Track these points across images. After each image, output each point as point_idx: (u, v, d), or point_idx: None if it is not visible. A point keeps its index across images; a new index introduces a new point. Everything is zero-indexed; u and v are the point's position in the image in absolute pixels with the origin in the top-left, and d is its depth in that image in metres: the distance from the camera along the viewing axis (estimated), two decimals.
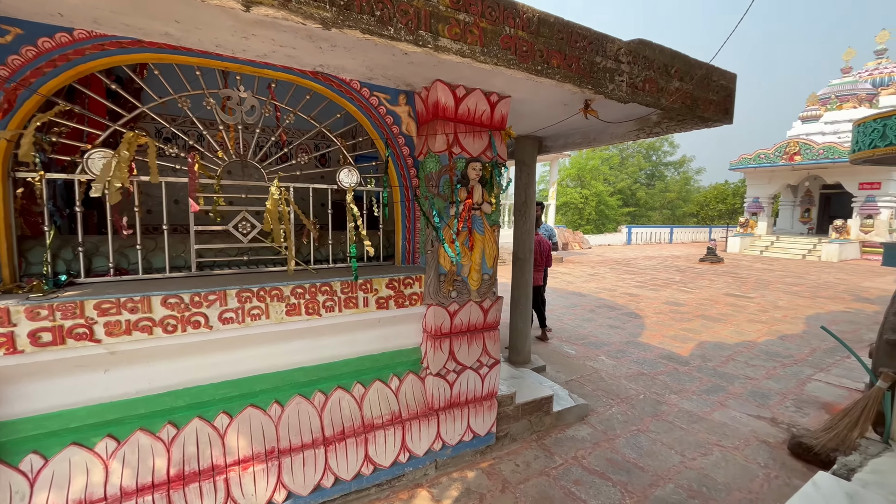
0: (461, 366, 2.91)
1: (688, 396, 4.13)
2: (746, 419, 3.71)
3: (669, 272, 12.33)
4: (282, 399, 2.42)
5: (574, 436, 3.39)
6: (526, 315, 4.47)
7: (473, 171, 2.76)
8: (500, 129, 2.88)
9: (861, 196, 16.60)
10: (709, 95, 2.65)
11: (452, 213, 2.74)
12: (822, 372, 4.81)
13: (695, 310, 7.61)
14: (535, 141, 4.30)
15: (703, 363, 5.02)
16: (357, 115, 2.73)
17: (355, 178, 2.69)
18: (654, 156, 34.72)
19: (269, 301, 2.30)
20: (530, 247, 4.45)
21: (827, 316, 7.35)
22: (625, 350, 5.44)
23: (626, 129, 3.43)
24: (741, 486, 2.82)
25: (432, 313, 2.77)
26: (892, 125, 4.06)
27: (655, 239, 23.54)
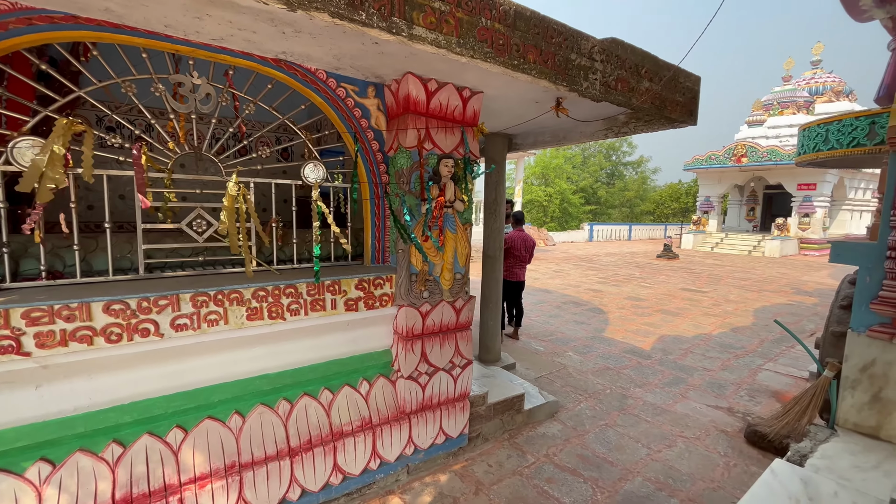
0: (433, 368, 2.84)
1: (651, 390, 4.26)
2: (706, 410, 3.86)
3: (629, 268, 12.79)
4: (243, 409, 2.26)
5: (545, 433, 3.41)
6: (496, 313, 4.46)
7: (446, 167, 2.69)
8: (473, 125, 2.83)
9: (799, 196, 17.89)
10: (676, 97, 2.71)
11: (424, 211, 2.66)
12: (771, 362, 5.10)
13: (654, 304, 7.91)
14: (505, 139, 4.28)
15: (664, 356, 5.21)
16: (323, 107, 2.58)
17: (322, 174, 2.55)
18: (614, 156, 35.95)
19: (228, 305, 2.13)
20: (500, 244, 4.43)
21: (772, 308, 7.84)
22: (591, 345, 5.56)
23: (595, 129, 3.46)
24: (704, 476, 2.92)
25: (404, 314, 2.68)
26: (833, 130, 4.36)
27: (615, 236, 24.39)
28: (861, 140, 4.11)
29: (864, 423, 2.88)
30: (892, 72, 3.72)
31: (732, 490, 2.79)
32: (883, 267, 2.83)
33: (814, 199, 17.61)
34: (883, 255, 2.85)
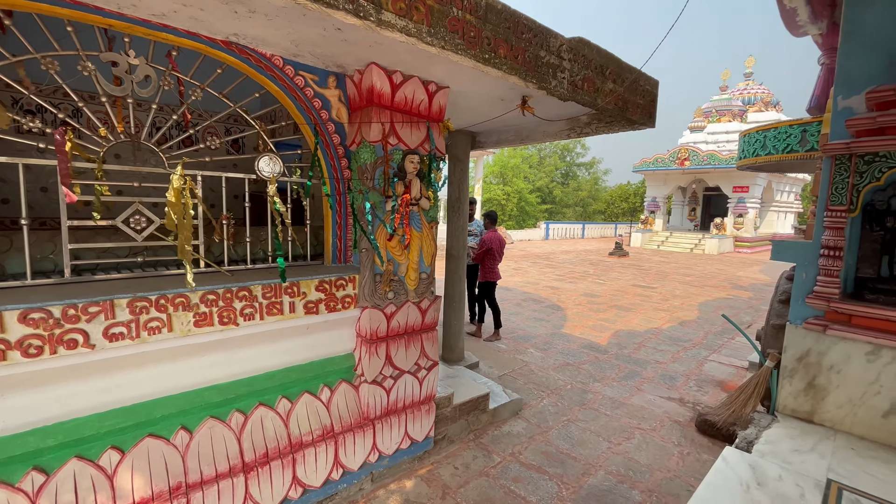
0: (398, 371, 2.74)
1: (609, 384, 4.40)
2: (660, 401, 4.03)
3: (584, 265, 13.25)
4: (190, 424, 2.06)
5: (510, 431, 3.41)
6: (460, 312, 4.43)
7: (411, 163, 2.59)
8: (439, 120, 2.75)
9: (734, 198, 19.32)
10: (637, 99, 2.77)
11: (389, 209, 2.56)
12: (715, 353, 5.44)
13: (608, 301, 8.22)
14: (468, 136, 4.24)
15: (620, 351, 5.40)
16: (279, 96, 2.41)
17: (278, 168, 2.38)
18: (569, 156, 37.18)
19: (173, 311, 1.93)
20: (464, 243, 4.40)
21: (714, 303, 8.39)
22: (551, 342, 5.67)
23: (558, 129, 3.50)
24: (661, 466, 3.03)
25: (367, 316, 2.57)
26: (770, 137, 4.70)
27: (570, 234, 25.23)
28: (794, 146, 4.47)
29: (801, 408, 3.11)
30: (821, 84, 4.06)
31: (687, 478, 2.91)
32: (817, 264, 3.07)
33: (747, 201, 19.08)
34: (817, 254, 3.09)
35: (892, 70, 2.81)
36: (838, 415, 2.97)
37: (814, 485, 2.36)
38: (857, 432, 2.90)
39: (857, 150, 2.80)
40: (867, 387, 2.87)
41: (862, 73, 2.97)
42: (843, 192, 2.91)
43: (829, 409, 3.01)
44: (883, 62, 2.88)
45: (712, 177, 19.79)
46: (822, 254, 3.01)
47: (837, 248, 2.95)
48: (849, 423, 2.92)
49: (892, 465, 2.59)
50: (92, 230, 2.37)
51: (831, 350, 2.99)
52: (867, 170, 2.85)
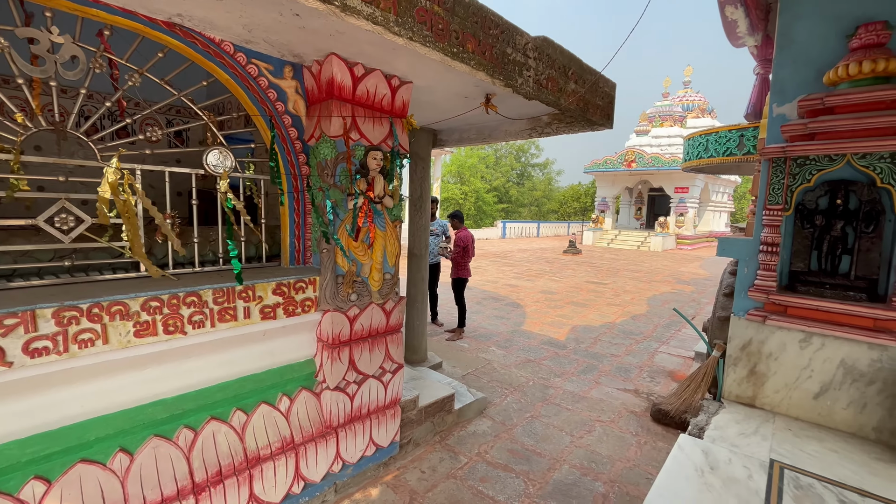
0: (362, 375, 2.64)
1: (569, 378, 4.51)
2: (616, 393, 4.18)
3: (541, 263, 13.60)
4: (131, 445, 1.86)
5: (476, 431, 3.40)
6: (423, 313, 4.37)
7: (374, 160, 2.50)
8: (402, 116, 2.68)
9: (676, 198, 20.60)
10: (596, 100, 2.84)
11: (351, 207, 2.45)
12: (665, 345, 5.74)
13: (565, 297, 8.47)
14: (430, 134, 4.18)
15: (578, 346, 5.57)
16: (230, 86, 2.24)
17: (229, 162, 2.21)
18: (524, 157, 38.09)
19: (109, 320, 1.73)
20: (426, 242, 4.34)
21: (661, 297, 8.87)
22: (512, 339, 5.74)
23: (519, 128, 3.52)
24: (621, 456, 3.13)
25: (329, 320, 2.45)
26: (712, 141, 5.03)
27: (526, 233, 25.83)
28: (733, 150, 4.80)
29: (744, 394, 3.33)
30: (757, 93, 4.39)
31: (646, 466, 3.02)
32: (757, 260, 3.30)
33: (687, 201, 20.41)
34: (757, 250, 3.32)
35: (819, 80, 3.07)
36: (776, 398, 3.21)
37: (759, 465, 2.52)
38: (792, 414, 3.14)
39: (790, 153, 3.03)
40: (800, 371, 3.12)
41: (793, 83, 3.22)
42: (779, 192, 3.14)
43: (768, 394, 3.24)
44: (811, 73, 3.13)
45: (656, 178, 20.99)
46: (762, 250, 3.24)
47: (775, 244, 3.18)
48: (785, 405, 3.17)
49: (824, 442, 2.82)
50: (7, 231, 2.09)
51: (770, 339, 3.23)
52: (799, 172, 3.09)
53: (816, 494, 2.29)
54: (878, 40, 2.74)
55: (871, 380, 2.88)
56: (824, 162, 2.99)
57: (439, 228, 6.10)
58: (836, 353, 2.98)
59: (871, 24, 2.69)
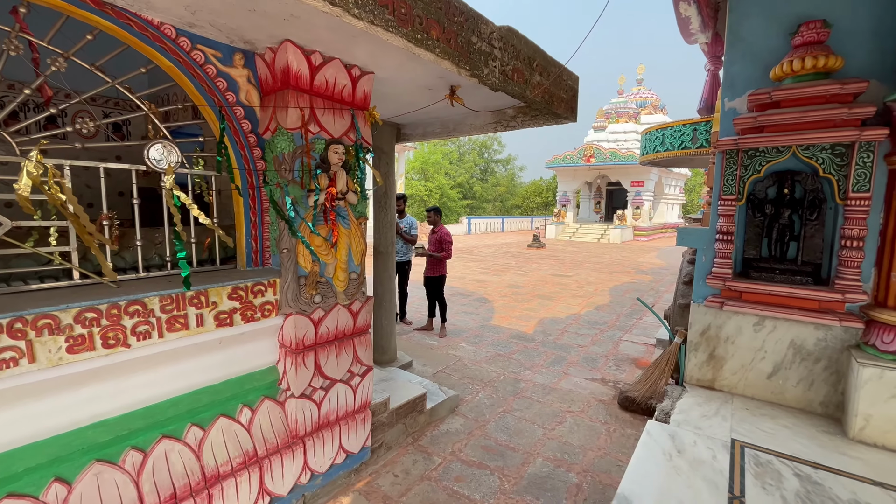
0: (330, 380, 2.52)
1: (539, 371, 4.55)
2: (585, 383, 4.26)
3: (506, 258, 13.75)
4: (68, 473, 1.67)
5: (449, 429, 3.35)
6: (390, 312, 4.26)
7: (335, 154, 2.38)
8: (364, 108, 2.56)
9: (633, 191, 21.43)
10: (561, 93, 2.84)
11: (312, 204, 2.32)
12: (628, 333, 5.92)
13: (531, 291, 8.59)
14: (393, 128, 4.07)
15: (545, 338, 5.64)
16: (173, 73, 2.05)
17: (175, 157, 2.03)
18: (486, 153, 38.42)
19: (35, 336, 1.53)
20: (392, 240, 4.24)
21: (622, 287, 9.18)
22: (481, 334, 5.74)
23: (484, 121, 3.49)
24: (592, 445, 3.18)
25: (292, 324, 2.31)
26: (668, 135, 5.22)
27: (491, 229, 26.09)
28: (687, 143, 5.00)
29: (704, 377, 3.48)
30: (708, 88, 4.58)
31: (616, 454, 3.08)
32: (714, 248, 3.44)
33: (642, 194, 21.28)
34: (713, 239, 3.46)
35: (767, 76, 3.22)
36: (733, 380, 3.37)
37: (721, 445, 2.61)
38: (748, 394, 3.31)
39: (742, 145, 3.17)
40: (755, 353, 3.28)
41: (743, 78, 3.37)
42: (733, 183, 3.28)
43: (726, 377, 3.39)
44: (759, 69, 3.28)
45: (614, 172, 21.75)
46: (718, 238, 3.37)
47: (729, 232, 3.32)
48: (742, 386, 3.33)
49: (777, 419, 2.98)
50: None
51: (727, 324, 3.37)
52: (750, 163, 3.24)
53: (774, 470, 2.39)
54: (817, 38, 2.89)
55: (817, 358, 3.07)
56: (772, 153, 3.14)
57: (405, 225, 5.97)
58: (786, 334, 3.16)
59: (812, 23, 2.84)
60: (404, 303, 6.16)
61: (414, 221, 6.15)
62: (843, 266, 2.93)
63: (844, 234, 2.91)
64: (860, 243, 2.85)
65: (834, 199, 3.02)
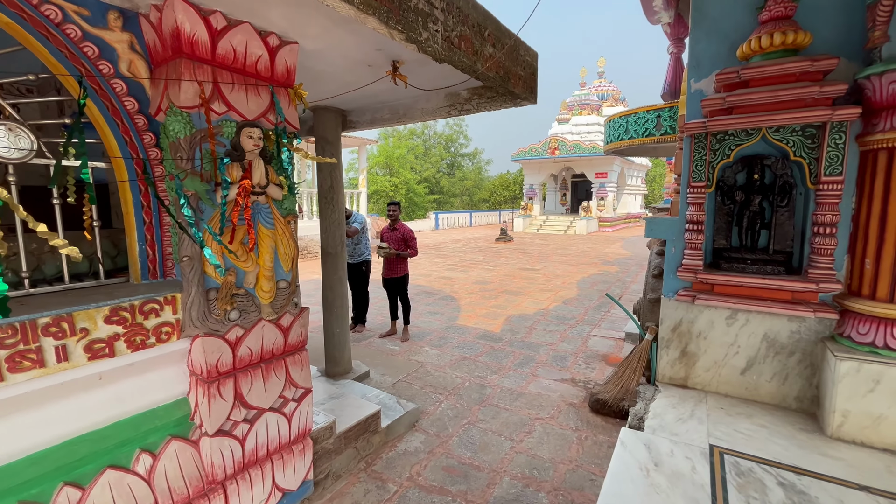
0: (256, 410, 2.12)
1: (506, 374, 4.28)
2: (554, 385, 4.02)
3: (474, 253, 13.51)
4: None
5: (407, 449, 3.01)
6: (343, 318, 3.86)
7: (250, 139, 1.96)
8: (287, 85, 2.16)
9: (597, 183, 21.70)
10: (518, 69, 2.53)
11: (221, 200, 1.91)
12: (597, 328, 5.76)
13: (499, 286, 8.35)
14: (337, 114, 3.65)
15: (513, 336, 5.39)
16: (18, 35, 1.58)
17: (26, 143, 1.57)
18: (452, 147, 38.08)
19: None
20: (341, 239, 3.83)
21: (589, 279, 9.10)
22: (446, 336, 5.42)
23: (436, 105, 3.14)
24: (563, 457, 2.92)
25: (201, 348, 1.89)
26: (632, 122, 5.06)
27: (459, 223, 25.84)
28: (651, 130, 4.84)
29: (677, 375, 3.29)
30: (671, 72, 4.42)
31: (589, 465, 2.84)
32: (683, 239, 3.26)
33: (606, 186, 21.59)
34: (683, 229, 3.28)
35: (734, 54, 3.03)
36: (706, 377, 3.20)
37: (700, 454, 2.40)
38: (722, 391, 3.14)
39: (711, 128, 2.97)
40: (728, 348, 3.11)
41: (709, 57, 3.17)
42: (702, 169, 3.08)
43: (699, 374, 3.22)
44: (726, 47, 3.09)
45: (578, 164, 21.94)
46: (687, 228, 3.18)
47: (699, 222, 3.13)
48: (715, 383, 3.16)
49: (753, 418, 2.81)
50: None
51: (699, 318, 3.19)
52: (719, 147, 3.05)
53: (757, 479, 2.19)
54: (785, 12, 2.71)
55: (791, 351, 2.93)
56: (742, 137, 2.96)
57: (357, 224, 5.49)
58: (759, 327, 3.00)
59: None
60: (365, 307, 5.75)
61: (364, 218, 5.69)
62: (815, 254, 2.78)
63: (817, 221, 2.75)
64: (833, 230, 2.70)
65: (805, 184, 2.87)
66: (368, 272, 5.66)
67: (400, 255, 5.23)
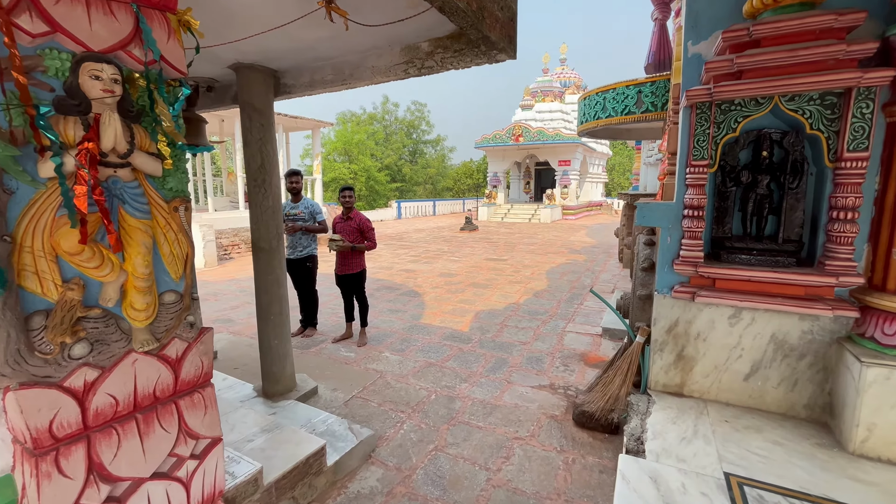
0: (129, 482, 1.46)
1: (478, 381, 3.77)
2: (532, 394, 3.55)
3: (438, 243, 12.95)
4: None
5: (360, 491, 2.43)
6: (280, 327, 3.20)
7: (98, 82, 1.27)
8: (165, 8, 1.46)
9: (560, 171, 21.63)
10: (495, 9, 1.94)
11: (53, 174, 1.22)
12: (571, 322, 5.37)
13: (465, 279, 7.85)
14: (267, 76, 2.94)
15: (483, 336, 4.90)
16: None
17: None
18: (415, 134, 37.09)
19: None
20: (277, 231, 3.14)
21: (558, 269, 8.78)
22: (409, 338, 4.84)
23: (390, 62, 2.50)
24: (549, 490, 2.44)
25: (17, 405, 1.21)
26: (610, 99, 4.62)
27: (422, 212, 25.16)
28: (631, 108, 4.43)
29: (671, 382, 2.90)
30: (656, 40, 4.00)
31: (580, 500, 2.37)
32: (681, 226, 2.84)
33: (569, 173, 21.56)
34: (680, 215, 2.86)
35: (737, 12, 2.60)
36: (705, 384, 2.81)
37: (716, 486, 1.98)
38: (723, 399, 2.76)
39: (717, 96, 2.51)
40: (730, 351, 2.73)
41: (709, 16, 2.70)
42: (704, 145, 2.64)
43: (696, 380, 2.82)
44: (728, 3, 2.65)
45: (542, 152, 21.76)
46: (686, 215, 2.75)
47: (700, 207, 2.71)
48: (715, 390, 2.78)
49: (763, 432, 2.43)
50: None
51: (698, 317, 2.79)
52: (724, 120, 2.61)
53: None
54: None
55: (801, 353, 2.58)
56: (750, 107, 2.53)
57: (305, 210, 4.80)
58: (766, 327, 2.63)
59: None
60: (314, 308, 5.05)
61: (316, 206, 4.99)
62: (833, 243, 2.41)
63: (835, 205, 2.38)
64: (854, 214, 2.32)
65: (820, 162, 2.49)
66: (315, 268, 4.94)
67: (356, 248, 4.57)
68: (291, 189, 4.79)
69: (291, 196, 4.84)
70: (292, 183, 4.77)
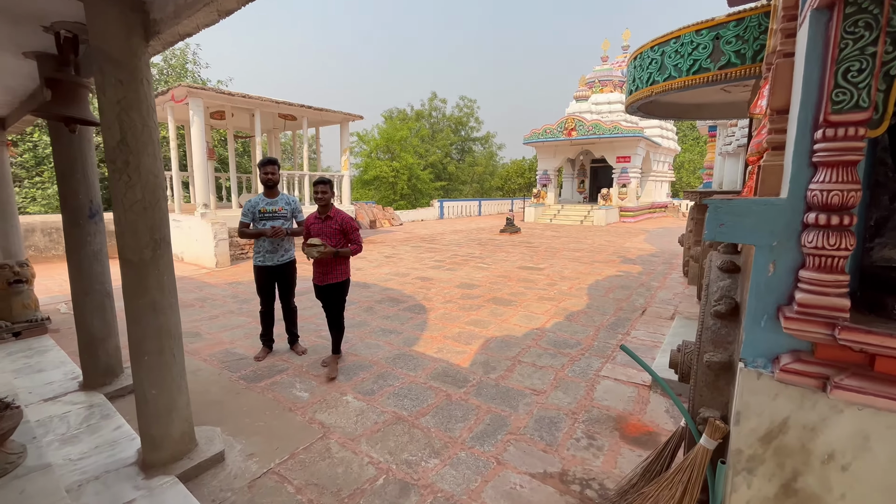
0: None
1: (454, 456, 2.61)
2: (530, 491, 2.33)
3: (471, 246, 11.78)
4: None
5: None
6: (160, 371, 2.25)
7: None
8: None
9: (618, 168, 19.53)
10: None
11: None
12: (609, 362, 4.01)
13: (487, 292, 6.63)
14: (127, 9, 1.98)
15: (485, 376, 3.70)
16: None
17: None
18: (463, 131, 36.01)
19: None
20: (153, 237, 2.19)
21: (605, 282, 7.29)
22: (389, 373, 3.76)
23: None
24: None
25: None
26: (670, 53, 3.22)
27: (466, 212, 24.05)
28: (704, 62, 3.04)
29: None
30: None
31: None
32: (799, 244, 1.51)
33: (629, 171, 19.41)
34: (798, 222, 1.53)
35: None
36: None
37: None
38: None
39: None
40: None
41: None
42: (861, 79, 1.31)
43: None
44: None
45: (598, 147, 19.79)
46: (811, 222, 1.42)
47: (844, 206, 1.37)
48: None
49: None
50: None
51: (831, 424, 1.44)
52: None
53: None
54: None
55: None
56: None
57: (287, 207, 4.04)
58: None
59: None
60: (295, 321, 4.23)
61: (296, 201, 4.20)
62: None
63: None
64: None
65: None
66: (293, 275, 4.19)
67: (340, 253, 3.60)
68: (266, 182, 3.95)
69: (265, 190, 4.01)
70: (267, 174, 3.92)
